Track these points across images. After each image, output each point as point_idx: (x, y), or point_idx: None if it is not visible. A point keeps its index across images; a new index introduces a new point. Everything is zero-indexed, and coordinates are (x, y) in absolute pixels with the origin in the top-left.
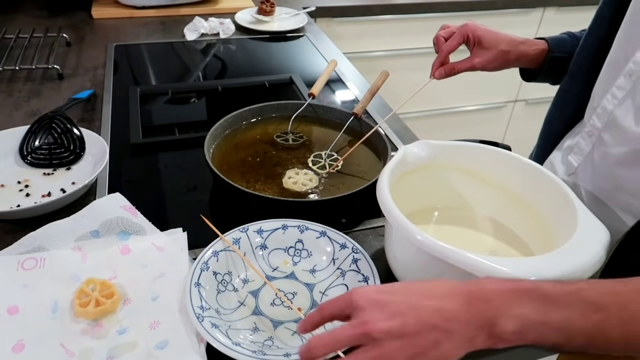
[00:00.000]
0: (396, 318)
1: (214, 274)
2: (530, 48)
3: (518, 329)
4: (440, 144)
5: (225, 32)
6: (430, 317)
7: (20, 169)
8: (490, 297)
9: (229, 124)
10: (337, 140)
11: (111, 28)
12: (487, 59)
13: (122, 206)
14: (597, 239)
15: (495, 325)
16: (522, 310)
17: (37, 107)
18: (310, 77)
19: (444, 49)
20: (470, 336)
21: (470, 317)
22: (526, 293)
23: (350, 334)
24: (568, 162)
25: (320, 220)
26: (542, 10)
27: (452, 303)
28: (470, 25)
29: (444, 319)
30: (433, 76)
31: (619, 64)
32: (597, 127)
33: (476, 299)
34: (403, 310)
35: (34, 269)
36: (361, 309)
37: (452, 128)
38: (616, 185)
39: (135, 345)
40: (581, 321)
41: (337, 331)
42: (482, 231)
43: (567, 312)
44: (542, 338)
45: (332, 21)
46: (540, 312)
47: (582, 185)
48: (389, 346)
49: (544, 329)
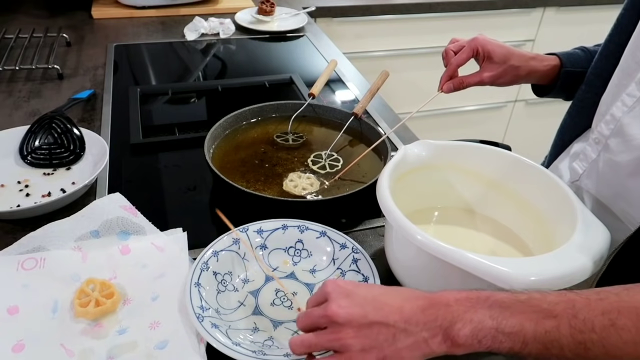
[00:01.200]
0: (358, 308)
1: (214, 274)
2: (541, 64)
3: (473, 333)
4: (440, 144)
5: (225, 32)
6: (390, 314)
7: (20, 169)
8: (449, 303)
9: (229, 124)
10: (337, 140)
11: (111, 28)
12: (497, 74)
13: (122, 206)
14: (597, 239)
15: (451, 328)
16: (477, 316)
17: (37, 107)
18: (310, 77)
19: (453, 62)
20: (425, 337)
21: (428, 319)
22: (482, 301)
23: (317, 314)
24: (573, 168)
25: (320, 220)
26: (542, 10)
27: (413, 305)
28: (480, 39)
29: (402, 318)
30: (441, 90)
31: (631, 71)
32: (604, 135)
33: (436, 303)
34: (367, 303)
35: (34, 269)
36: (330, 296)
37: (452, 128)
38: (617, 193)
39: (135, 345)
40: (533, 328)
41: (310, 311)
42: (482, 231)
43: (519, 318)
44: (497, 343)
45: (332, 21)
46: (494, 318)
47: (586, 194)
48: (347, 333)
49: (497, 334)
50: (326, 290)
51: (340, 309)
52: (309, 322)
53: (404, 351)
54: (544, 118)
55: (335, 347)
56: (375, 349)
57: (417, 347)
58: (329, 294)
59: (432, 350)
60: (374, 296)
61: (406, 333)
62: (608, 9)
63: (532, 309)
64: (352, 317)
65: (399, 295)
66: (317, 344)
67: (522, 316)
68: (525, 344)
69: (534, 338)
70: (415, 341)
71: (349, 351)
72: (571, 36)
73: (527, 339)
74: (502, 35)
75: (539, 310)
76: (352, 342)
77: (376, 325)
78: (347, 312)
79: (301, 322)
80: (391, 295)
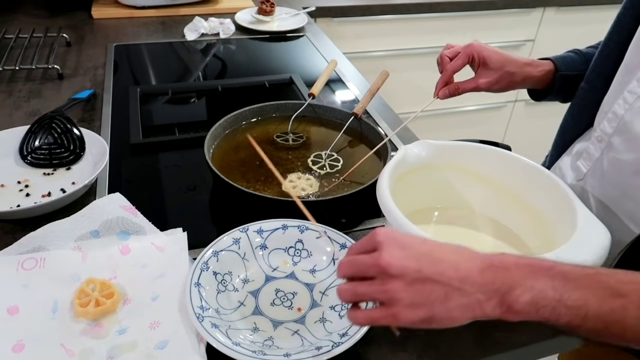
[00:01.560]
0: (413, 261)
1: (214, 274)
2: (536, 70)
3: (533, 301)
4: (440, 144)
5: (225, 32)
6: (446, 270)
7: (20, 169)
8: (509, 267)
9: (229, 124)
10: (337, 140)
11: (111, 28)
12: (493, 80)
13: (122, 206)
14: (597, 239)
15: (509, 293)
16: (539, 284)
17: (37, 107)
18: (310, 77)
19: (449, 68)
20: (480, 299)
21: (485, 281)
22: (544, 269)
23: (367, 262)
24: (577, 167)
25: (320, 220)
26: (542, 10)
27: (470, 264)
28: (475, 46)
29: (458, 277)
30: (437, 96)
31: (633, 68)
32: (607, 133)
33: (494, 266)
34: (422, 256)
35: (34, 269)
36: (382, 245)
37: (452, 128)
38: (623, 192)
39: (135, 345)
40: (598, 304)
41: (357, 257)
42: (482, 231)
43: (584, 293)
44: (555, 315)
45: (332, 21)
46: (556, 289)
47: (591, 191)
48: (397, 286)
49: (558, 306)
50: (377, 239)
51: (393, 260)
52: (354, 270)
53: (455, 311)
54: (544, 118)
55: (383, 299)
56: (425, 306)
57: (469, 309)
58: (381, 243)
59: (484, 313)
60: (430, 250)
61: (460, 292)
62: (608, 9)
63: (599, 284)
64: (406, 270)
65: (455, 253)
66: (366, 294)
67: (588, 291)
68: (586, 319)
69: (596, 315)
70: (469, 302)
71: (396, 305)
72: (571, 36)
73: (589, 315)
74: (502, 35)
75: (607, 287)
76: (402, 296)
77: (430, 282)
78: (401, 264)
79: (345, 269)
80: (447, 251)
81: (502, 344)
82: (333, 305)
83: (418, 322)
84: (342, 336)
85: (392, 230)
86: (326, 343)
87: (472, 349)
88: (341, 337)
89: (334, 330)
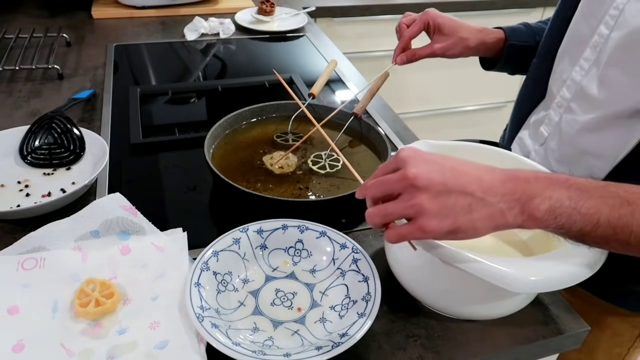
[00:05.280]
0: (438, 174)
1: (214, 274)
2: (488, 36)
3: (551, 209)
4: (440, 144)
5: (225, 32)
6: (469, 183)
7: (20, 169)
8: (528, 179)
9: (229, 124)
10: (337, 140)
11: (111, 28)
12: (447, 45)
13: (122, 206)
14: None
15: (530, 203)
16: (556, 194)
17: (37, 107)
18: (310, 77)
19: (406, 35)
20: (502, 209)
21: (507, 191)
22: (561, 182)
23: (394, 178)
24: (539, 132)
25: (320, 220)
26: (542, 10)
27: (492, 176)
28: (430, 13)
29: (481, 188)
30: (395, 62)
31: (585, 37)
32: (566, 98)
33: (515, 178)
34: (446, 170)
35: (34, 269)
36: (407, 161)
37: (452, 128)
38: (581, 149)
39: (135, 345)
40: (609, 211)
41: (384, 177)
42: None
43: (596, 202)
44: (571, 222)
45: (332, 21)
46: (572, 199)
47: (552, 153)
48: (423, 198)
49: (574, 213)
50: (401, 157)
51: (420, 172)
52: (382, 189)
53: (479, 222)
54: None
55: (411, 213)
56: (450, 217)
57: (492, 218)
58: (406, 159)
59: (507, 222)
60: (453, 165)
61: (483, 203)
62: None
63: (610, 194)
64: (432, 182)
65: (477, 167)
66: (394, 212)
67: (600, 200)
68: (597, 226)
69: (607, 222)
70: (492, 212)
71: (423, 216)
72: None
73: (600, 221)
74: None
75: (617, 196)
76: (429, 208)
77: (454, 194)
78: (428, 177)
79: (374, 190)
80: (469, 165)
81: (502, 344)
82: (333, 305)
83: (444, 234)
84: (342, 336)
85: (415, 148)
86: (326, 343)
87: (472, 349)
88: (341, 337)
89: (334, 330)
